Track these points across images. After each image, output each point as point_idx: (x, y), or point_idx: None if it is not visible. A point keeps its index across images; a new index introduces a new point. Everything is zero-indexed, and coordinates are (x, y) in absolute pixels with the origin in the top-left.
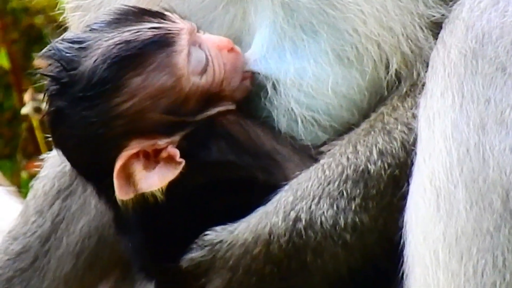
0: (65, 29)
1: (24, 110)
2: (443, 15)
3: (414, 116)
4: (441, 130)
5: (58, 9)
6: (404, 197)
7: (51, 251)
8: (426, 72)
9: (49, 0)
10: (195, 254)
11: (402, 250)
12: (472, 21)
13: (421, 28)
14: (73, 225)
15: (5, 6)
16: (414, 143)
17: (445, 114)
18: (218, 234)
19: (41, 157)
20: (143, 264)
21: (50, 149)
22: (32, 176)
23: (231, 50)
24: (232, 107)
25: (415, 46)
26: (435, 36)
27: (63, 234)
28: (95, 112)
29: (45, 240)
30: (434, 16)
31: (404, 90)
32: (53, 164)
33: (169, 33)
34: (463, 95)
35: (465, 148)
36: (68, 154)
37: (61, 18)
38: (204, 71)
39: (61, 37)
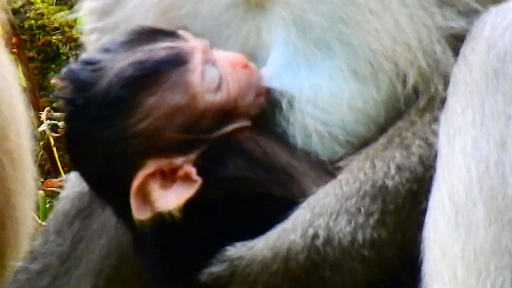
0: (82, 47)
1: (41, 128)
2: (462, 27)
3: (432, 131)
4: (461, 147)
5: (75, 27)
6: (422, 212)
7: (71, 270)
8: (444, 85)
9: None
10: (214, 268)
11: (420, 266)
12: (494, 40)
13: (439, 41)
14: (93, 245)
15: (22, 23)
16: (432, 158)
17: (466, 131)
18: (237, 250)
19: (61, 177)
20: (162, 281)
21: (67, 167)
22: (49, 194)
23: (245, 66)
24: (247, 123)
25: (432, 60)
26: (453, 48)
27: (82, 254)
28: (111, 132)
29: (65, 259)
30: (453, 27)
31: (422, 104)
32: (73, 185)
33: (182, 52)
34: (483, 113)
35: (485, 165)
36: (86, 175)
37: (78, 36)
38: (218, 88)
39: (78, 58)
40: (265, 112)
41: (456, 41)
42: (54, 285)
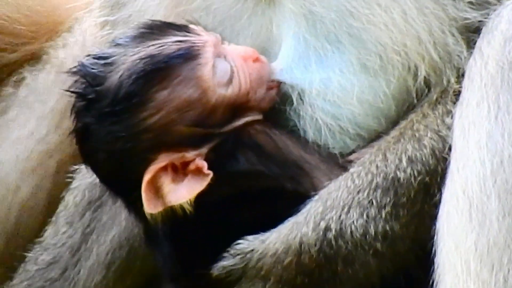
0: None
1: None
2: (475, 18)
3: (445, 123)
4: (475, 140)
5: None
6: (436, 205)
7: (81, 262)
8: (457, 78)
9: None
10: (226, 262)
11: (433, 258)
12: (510, 34)
13: (451, 33)
14: (104, 236)
15: None
16: (444, 150)
17: (480, 125)
18: (249, 243)
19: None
20: (173, 274)
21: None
22: None
23: (256, 60)
24: (258, 117)
25: (444, 51)
26: (467, 40)
27: (93, 245)
28: (122, 127)
29: (75, 250)
30: (467, 18)
31: (435, 97)
32: (84, 176)
33: (194, 46)
34: (499, 106)
35: (499, 159)
36: (97, 169)
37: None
38: (229, 82)
39: (89, 52)
40: (276, 106)
41: (469, 32)
42: (64, 277)
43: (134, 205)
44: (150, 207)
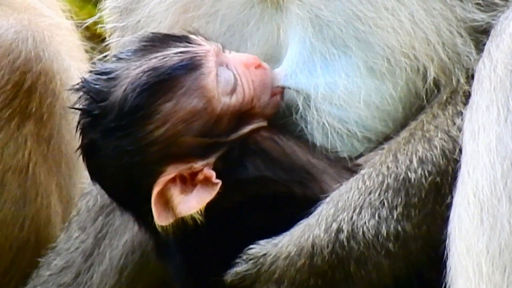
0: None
1: None
2: (483, 19)
3: (455, 124)
4: (485, 144)
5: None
6: (448, 206)
7: (94, 266)
8: (466, 78)
9: (91, 14)
10: (239, 268)
11: (445, 261)
12: None
13: (459, 34)
14: (116, 240)
15: None
16: (454, 151)
17: (490, 128)
18: (262, 247)
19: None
20: (187, 284)
21: None
22: None
23: (258, 66)
24: (264, 123)
25: (453, 52)
26: (475, 41)
27: (106, 249)
28: (129, 141)
29: (88, 255)
30: (475, 19)
31: (444, 97)
32: None
33: (196, 56)
34: (508, 109)
35: (509, 161)
36: (105, 185)
37: (102, 33)
38: (233, 90)
39: (91, 68)
40: (283, 111)
41: (477, 34)
42: (77, 281)
43: (144, 218)
44: (161, 220)
